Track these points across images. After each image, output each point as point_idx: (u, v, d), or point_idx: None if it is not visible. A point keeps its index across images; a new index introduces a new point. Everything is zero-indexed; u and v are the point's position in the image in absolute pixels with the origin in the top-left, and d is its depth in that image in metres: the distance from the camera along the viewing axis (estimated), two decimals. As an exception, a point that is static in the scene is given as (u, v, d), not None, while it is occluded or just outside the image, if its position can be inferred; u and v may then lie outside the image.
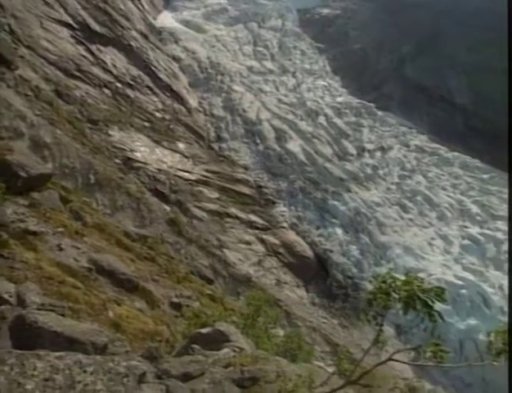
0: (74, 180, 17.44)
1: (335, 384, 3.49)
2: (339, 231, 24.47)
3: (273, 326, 11.12)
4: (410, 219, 26.03)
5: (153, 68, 32.02)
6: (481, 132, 37.19)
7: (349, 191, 26.85)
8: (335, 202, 25.82)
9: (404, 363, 3.36)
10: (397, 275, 2.92)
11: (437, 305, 13.65)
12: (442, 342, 3.14)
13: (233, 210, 24.60)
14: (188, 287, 14.12)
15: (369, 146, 31.43)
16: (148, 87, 30.23)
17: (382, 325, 2.99)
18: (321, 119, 32.93)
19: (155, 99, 29.81)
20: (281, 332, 13.57)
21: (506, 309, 21.50)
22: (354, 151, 30.50)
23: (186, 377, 4.14)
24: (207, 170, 26.30)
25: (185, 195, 23.59)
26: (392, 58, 44.37)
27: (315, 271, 23.53)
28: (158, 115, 28.46)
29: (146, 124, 26.92)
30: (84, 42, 28.15)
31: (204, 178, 25.54)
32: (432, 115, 38.22)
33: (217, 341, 5.90)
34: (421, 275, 15.09)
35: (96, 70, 27.19)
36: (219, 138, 30.11)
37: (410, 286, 2.79)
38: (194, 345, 5.20)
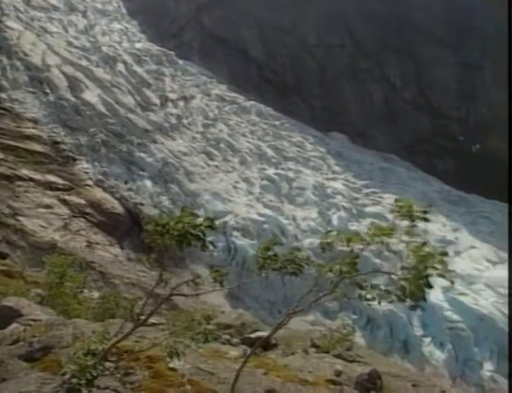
0: None
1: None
2: (148, 183, 24.15)
3: (82, 290, 10.57)
4: (216, 166, 27.49)
5: None
6: (272, 83, 41.11)
7: (155, 142, 26.49)
8: (142, 154, 25.19)
9: (182, 295, 3.57)
10: (172, 216, 3.01)
11: (246, 241, 14.97)
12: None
13: (25, 172, 21.61)
14: (-29, 268, 12.13)
15: (172, 96, 31.25)
16: None
17: (163, 265, 3.07)
18: (120, 67, 30.91)
19: None
20: (96, 294, 13.03)
21: (299, 236, 25.13)
22: (157, 101, 29.90)
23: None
24: (-16, 126, 22.09)
25: (-44, 158, 19.50)
26: (190, 6, 44.16)
27: (127, 226, 22.94)
28: None
29: None
30: None
31: (-18, 136, 21.45)
32: (230, 65, 40.17)
33: (4, 318, 5.22)
34: (229, 216, 16.27)
35: None
36: (-4, 87, 25.33)
37: (182, 224, 2.91)
38: (-33, 330, 4.46)
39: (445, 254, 3.01)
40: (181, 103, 31.37)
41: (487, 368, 19.83)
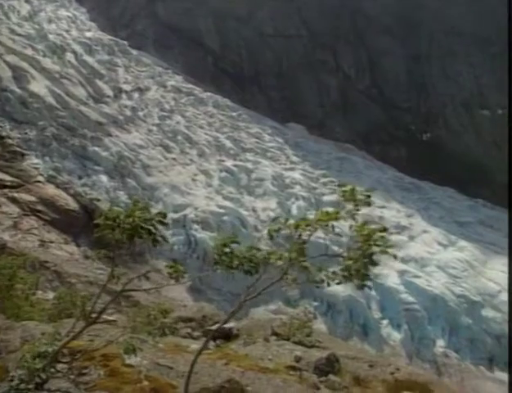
0: None
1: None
2: (103, 178, 23.39)
3: (34, 291, 10.18)
4: (174, 159, 27.03)
5: None
6: (229, 74, 40.81)
7: (110, 135, 25.65)
8: (96, 148, 24.33)
9: (135, 290, 3.49)
10: (120, 209, 2.92)
11: (206, 234, 14.79)
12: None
13: (-32, 169, 20.37)
14: None
15: (126, 87, 30.34)
16: None
17: (114, 260, 2.97)
18: (70, 57, 29.59)
19: None
20: (51, 295, 12.58)
21: (259, 226, 25.20)
22: (111, 93, 28.93)
23: None
24: None
25: None
26: (142, -6, 42.87)
27: (83, 223, 22.14)
28: None
29: None
30: None
31: None
32: (186, 55, 39.45)
33: None
34: (188, 209, 16.05)
35: None
36: None
37: (133, 218, 2.83)
38: None
39: (385, 230, 3.12)
40: (136, 95, 30.53)
41: (440, 344, 20.94)
